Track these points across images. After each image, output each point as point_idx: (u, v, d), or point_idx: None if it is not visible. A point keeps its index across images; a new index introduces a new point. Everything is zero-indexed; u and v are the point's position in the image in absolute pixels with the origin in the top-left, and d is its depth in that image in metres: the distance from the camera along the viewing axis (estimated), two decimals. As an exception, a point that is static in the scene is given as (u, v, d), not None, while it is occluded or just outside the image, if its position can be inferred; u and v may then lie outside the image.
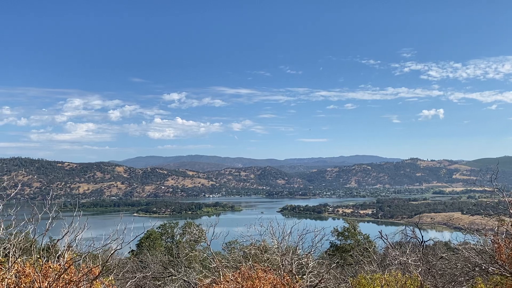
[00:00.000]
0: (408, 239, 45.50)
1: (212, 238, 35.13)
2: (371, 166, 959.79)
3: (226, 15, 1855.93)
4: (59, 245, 19.18)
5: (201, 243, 67.06)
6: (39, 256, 17.33)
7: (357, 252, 48.69)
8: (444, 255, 38.58)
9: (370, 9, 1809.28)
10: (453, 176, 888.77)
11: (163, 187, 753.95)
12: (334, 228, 78.67)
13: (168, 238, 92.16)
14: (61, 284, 15.63)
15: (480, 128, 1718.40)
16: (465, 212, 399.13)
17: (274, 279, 23.14)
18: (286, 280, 24.10)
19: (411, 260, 32.40)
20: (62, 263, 16.70)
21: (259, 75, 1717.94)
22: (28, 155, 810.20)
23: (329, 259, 48.83)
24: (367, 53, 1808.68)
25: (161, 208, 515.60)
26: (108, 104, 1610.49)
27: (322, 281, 29.26)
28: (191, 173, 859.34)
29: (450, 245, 67.83)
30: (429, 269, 32.38)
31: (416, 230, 44.14)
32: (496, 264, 25.79)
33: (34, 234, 18.68)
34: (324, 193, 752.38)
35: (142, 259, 57.25)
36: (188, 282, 33.85)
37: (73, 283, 15.86)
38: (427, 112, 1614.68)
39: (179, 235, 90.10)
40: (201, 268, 40.54)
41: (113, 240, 19.28)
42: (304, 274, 29.20)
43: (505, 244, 25.49)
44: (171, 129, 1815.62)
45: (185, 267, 39.91)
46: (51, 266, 16.14)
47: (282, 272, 27.26)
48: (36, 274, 15.38)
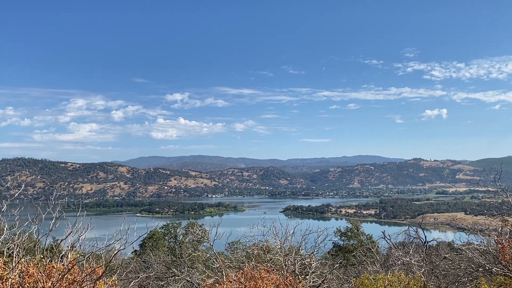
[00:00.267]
0: (411, 240, 45.42)
1: (215, 238, 35.14)
2: (374, 166, 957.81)
3: (229, 16, 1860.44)
4: (63, 245, 19.21)
5: (204, 243, 67.08)
6: (43, 256, 17.36)
7: (360, 253, 48.58)
8: (448, 256, 38.47)
9: (373, 9, 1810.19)
10: (456, 176, 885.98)
11: (166, 187, 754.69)
12: (337, 229, 78.55)
13: (171, 238, 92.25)
14: (65, 284, 15.66)
15: (484, 128, 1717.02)
16: (469, 213, 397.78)
17: (277, 280, 23.13)
18: (289, 281, 24.08)
19: (414, 261, 32.34)
20: (66, 263, 16.72)
21: (262, 75, 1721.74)
22: (31, 156, 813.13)
23: (332, 260, 48.80)
24: (370, 53, 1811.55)
25: (164, 208, 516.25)
26: (111, 105, 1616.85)
27: (325, 282, 29.23)
28: (194, 173, 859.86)
29: (454, 246, 67.64)
30: (433, 270, 32.30)
31: (419, 231, 44.03)
32: (500, 265, 25.70)
33: (38, 234, 18.74)
34: (327, 193, 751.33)
35: (145, 259, 57.32)
36: (191, 282, 33.87)
37: (77, 283, 15.89)
38: (430, 112, 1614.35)
39: (182, 235, 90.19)
40: (204, 268, 40.53)
41: (116, 240, 19.28)
42: (307, 275, 29.18)
43: (509, 245, 25.38)
44: (174, 130, 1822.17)
45: (188, 267, 39.92)
46: (55, 266, 16.17)
47: (285, 273, 27.25)
48: (40, 274, 15.41)
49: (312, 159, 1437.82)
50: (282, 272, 27.31)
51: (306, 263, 30.72)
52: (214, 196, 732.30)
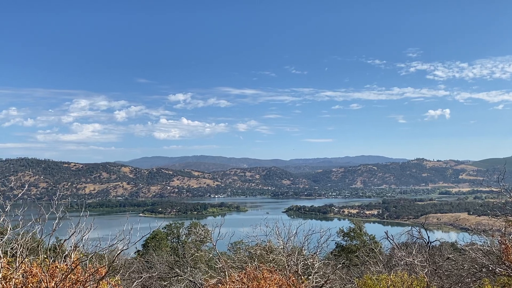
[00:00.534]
0: (414, 240, 45.31)
1: (218, 239, 35.14)
2: (377, 167, 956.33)
3: (231, 16, 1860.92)
4: (66, 245, 19.26)
5: (207, 244, 67.08)
6: (46, 256, 17.41)
7: (363, 253, 48.52)
8: (451, 256, 38.39)
9: (375, 9, 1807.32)
10: (460, 177, 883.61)
11: (169, 188, 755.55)
12: (340, 229, 78.41)
13: (174, 239, 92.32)
14: (68, 284, 15.70)
15: (487, 128, 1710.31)
16: (472, 213, 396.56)
17: (280, 280, 23.12)
18: (292, 281, 24.07)
19: (418, 261, 32.27)
20: (69, 263, 16.76)
21: (264, 76, 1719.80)
22: (35, 156, 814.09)
23: (335, 260, 48.71)
24: (373, 53, 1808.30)
25: (167, 209, 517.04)
26: (114, 105, 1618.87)
27: (328, 282, 29.20)
28: (197, 174, 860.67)
29: (457, 246, 67.51)
30: (436, 270, 32.23)
31: (422, 231, 43.92)
32: (503, 265, 25.63)
33: (41, 234, 18.77)
34: (330, 194, 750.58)
35: (148, 259, 57.40)
36: (194, 283, 33.90)
37: (80, 283, 15.92)
38: (433, 112, 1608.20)
39: (185, 236, 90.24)
40: (207, 269, 40.59)
41: (119, 241, 19.32)
42: (310, 275, 29.15)
43: (513, 245, 25.32)
44: (177, 130, 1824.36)
45: (191, 268, 39.97)
46: (58, 266, 16.21)
47: (288, 273, 27.24)
48: (43, 274, 15.45)
49: (315, 159, 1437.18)
50: (285, 273, 27.30)
51: (309, 264, 30.69)
52: (217, 196, 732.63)
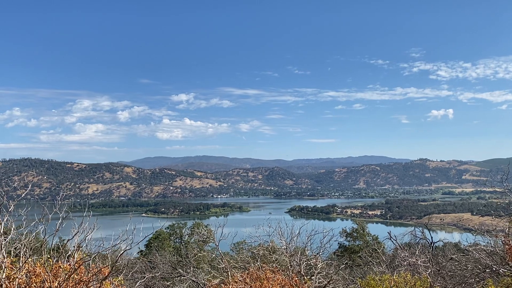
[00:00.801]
0: (418, 240, 45.23)
1: (221, 239, 35.18)
2: (380, 167, 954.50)
3: (234, 16, 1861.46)
4: (69, 245, 19.28)
5: (210, 244, 67.14)
6: (49, 256, 17.43)
7: (366, 253, 48.45)
8: (454, 257, 38.23)
9: (378, 9, 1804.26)
10: (463, 177, 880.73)
11: (172, 188, 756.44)
12: (343, 229, 78.31)
13: (177, 239, 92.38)
14: (71, 284, 15.73)
15: (490, 128, 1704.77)
16: (475, 213, 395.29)
17: (283, 280, 23.11)
18: (295, 281, 24.05)
19: (421, 261, 32.20)
20: (72, 263, 16.79)
21: (267, 76, 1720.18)
22: (38, 156, 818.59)
23: (338, 260, 48.70)
24: (376, 53, 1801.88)
25: (170, 209, 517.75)
26: (117, 105, 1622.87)
27: (331, 282, 29.16)
28: (199, 174, 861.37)
29: (460, 246, 67.24)
30: (439, 271, 32.13)
31: (426, 231, 43.85)
32: (507, 266, 25.55)
33: (45, 234, 18.82)
34: (333, 194, 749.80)
35: (151, 260, 57.44)
36: (197, 283, 33.89)
37: (83, 283, 15.95)
38: (436, 112, 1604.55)
39: (188, 236, 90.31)
40: (210, 269, 40.58)
41: (122, 241, 19.34)
42: (313, 275, 29.12)
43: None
44: (179, 130, 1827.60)
45: (194, 268, 39.96)
46: (61, 266, 16.25)
47: (291, 273, 27.22)
48: (47, 274, 15.49)
49: (318, 160, 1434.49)
50: (288, 273, 27.29)
51: (312, 264, 30.67)
52: (220, 197, 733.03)
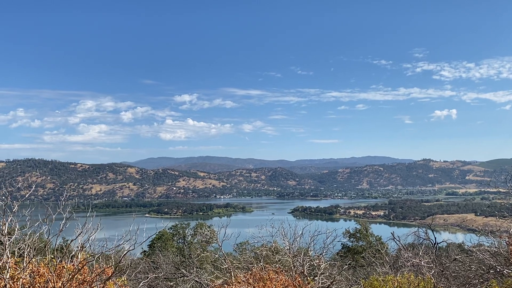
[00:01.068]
0: (421, 241, 45.15)
1: (224, 239, 35.18)
2: (383, 167, 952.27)
3: (237, 17, 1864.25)
4: (73, 246, 19.35)
5: (213, 244, 67.21)
6: (53, 257, 17.50)
7: (369, 254, 48.35)
8: (458, 257, 38.13)
9: (381, 9, 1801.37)
10: (467, 177, 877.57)
11: (175, 188, 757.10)
12: (346, 230, 78.13)
13: (180, 239, 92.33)
14: (75, 284, 15.77)
15: (494, 129, 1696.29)
16: (479, 214, 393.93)
17: (286, 281, 23.10)
18: (298, 282, 24.04)
19: (424, 262, 32.10)
20: (76, 264, 16.84)
21: (270, 76, 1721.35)
22: (42, 157, 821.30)
23: (341, 261, 48.59)
24: (379, 54, 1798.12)
25: (173, 209, 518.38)
26: (120, 106, 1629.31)
27: (334, 283, 29.12)
28: (202, 174, 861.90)
29: (464, 247, 67.01)
30: (443, 271, 32.03)
31: (429, 232, 43.78)
32: (511, 266, 25.43)
33: (48, 235, 18.88)
34: (336, 194, 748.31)
35: (154, 260, 57.51)
36: (200, 283, 33.93)
37: (87, 283, 15.99)
38: (440, 113, 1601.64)
39: (191, 236, 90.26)
40: (213, 269, 40.61)
41: (126, 241, 19.38)
42: (316, 276, 29.09)
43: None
44: (183, 131, 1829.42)
45: (197, 268, 40.02)
46: (65, 266, 16.30)
47: (294, 274, 27.19)
48: (50, 274, 15.54)
49: (321, 160, 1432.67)
50: (291, 273, 27.26)
51: (315, 264, 30.62)
52: (223, 197, 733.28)
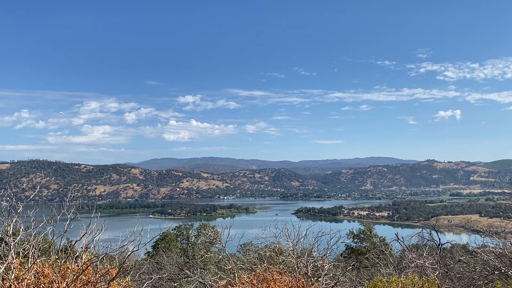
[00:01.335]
0: (425, 242, 45.02)
1: (227, 240, 35.20)
2: (387, 168, 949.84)
3: (240, 18, 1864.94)
4: (77, 246, 19.39)
5: (216, 245, 67.28)
6: (58, 257, 17.54)
7: (373, 255, 48.22)
8: (462, 258, 37.97)
9: (384, 9, 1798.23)
10: (471, 178, 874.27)
11: (178, 189, 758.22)
12: (350, 231, 78.04)
13: (184, 240, 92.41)
14: (79, 285, 15.82)
15: (498, 129, 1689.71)
16: (483, 215, 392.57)
17: (290, 282, 23.08)
18: (302, 283, 24.02)
19: (428, 263, 32.00)
20: (80, 264, 16.89)
21: (273, 77, 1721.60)
22: (46, 158, 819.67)
23: (345, 262, 48.48)
24: (382, 54, 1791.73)
25: (176, 210, 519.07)
26: (124, 107, 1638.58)
27: (338, 284, 29.07)
28: (206, 175, 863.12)
29: (468, 248, 66.79)
30: (447, 272, 31.92)
31: (433, 233, 43.64)
32: (516, 268, 25.30)
33: (53, 235, 18.92)
34: (339, 195, 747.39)
35: (158, 261, 57.57)
36: (204, 284, 33.94)
37: (91, 284, 16.03)
38: (444, 113, 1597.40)
39: (195, 237, 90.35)
40: (216, 270, 40.64)
41: (130, 242, 19.42)
42: (320, 277, 29.04)
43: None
44: (186, 131, 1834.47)
45: (201, 269, 40.04)
46: (69, 267, 16.35)
47: (297, 275, 27.17)
48: (55, 275, 15.60)
49: (324, 161, 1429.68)
50: (295, 274, 27.24)
51: (319, 265, 30.59)
52: (226, 198, 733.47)
